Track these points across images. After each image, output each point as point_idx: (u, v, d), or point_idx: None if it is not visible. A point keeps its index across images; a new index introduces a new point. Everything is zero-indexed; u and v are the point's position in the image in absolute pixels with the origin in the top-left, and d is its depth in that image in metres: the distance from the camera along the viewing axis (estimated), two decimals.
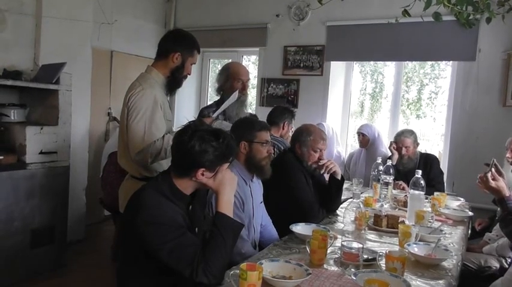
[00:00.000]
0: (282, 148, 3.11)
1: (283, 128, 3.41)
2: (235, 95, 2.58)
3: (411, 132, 3.70)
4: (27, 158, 3.29)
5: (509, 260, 2.62)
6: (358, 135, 4.17)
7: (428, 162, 3.65)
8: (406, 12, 2.65)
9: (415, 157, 3.67)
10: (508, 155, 3.01)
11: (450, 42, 4.04)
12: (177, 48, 2.32)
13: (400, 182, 3.40)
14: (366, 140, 4.10)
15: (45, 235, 3.46)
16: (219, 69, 3.09)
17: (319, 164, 2.65)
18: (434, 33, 4.02)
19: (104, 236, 4.45)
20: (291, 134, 3.28)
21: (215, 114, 2.52)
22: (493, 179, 2.18)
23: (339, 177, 2.68)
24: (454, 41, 4.02)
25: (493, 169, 2.23)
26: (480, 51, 3.93)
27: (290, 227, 2.20)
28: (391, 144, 3.76)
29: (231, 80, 2.88)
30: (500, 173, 2.23)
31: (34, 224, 3.37)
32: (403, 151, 3.63)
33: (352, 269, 1.73)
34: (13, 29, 3.71)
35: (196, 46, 2.40)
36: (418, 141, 3.74)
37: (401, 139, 3.65)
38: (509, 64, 3.77)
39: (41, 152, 3.37)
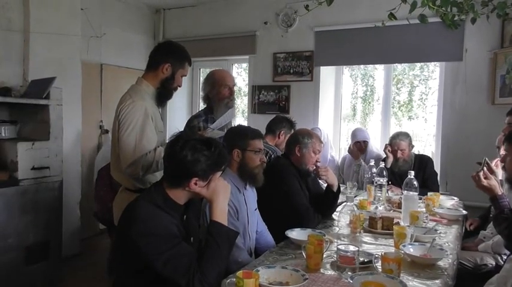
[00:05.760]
0: (273, 156, 3.09)
1: (278, 137, 3.39)
2: (232, 113, 2.59)
3: (406, 135, 3.70)
4: (19, 175, 3.26)
5: (504, 257, 2.63)
6: (359, 143, 4.10)
7: (422, 163, 3.66)
8: (392, 16, 2.67)
9: (410, 159, 3.67)
10: (501, 152, 3.02)
11: (437, 44, 4.08)
12: (167, 59, 2.31)
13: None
14: (366, 145, 4.10)
15: (40, 251, 3.42)
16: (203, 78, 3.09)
17: (316, 166, 2.67)
18: (421, 35, 4.06)
19: (99, 250, 4.41)
20: None
21: (212, 127, 2.52)
22: (485, 178, 2.20)
23: (335, 189, 2.69)
24: (441, 42, 4.06)
25: (484, 168, 2.25)
26: (467, 51, 3.97)
27: (286, 232, 2.20)
28: (385, 147, 3.75)
29: (217, 87, 2.88)
30: (492, 172, 2.25)
31: (28, 241, 3.33)
32: (399, 153, 3.63)
33: (349, 273, 1.74)
34: (1, 46, 3.70)
35: (187, 58, 2.39)
36: (413, 143, 3.76)
37: (396, 142, 3.64)
38: (496, 63, 3.82)
39: (33, 168, 3.35)
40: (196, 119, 2.83)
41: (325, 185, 2.76)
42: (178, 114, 5.70)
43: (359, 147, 4.12)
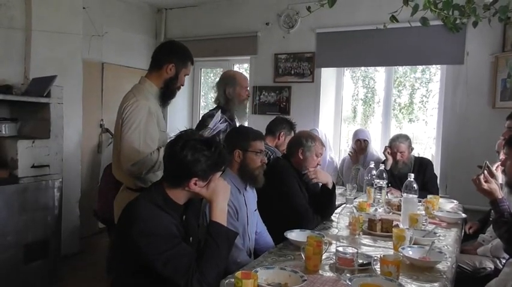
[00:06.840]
0: (272, 157, 3.09)
1: (278, 139, 3.39)
2: (218, 114, 2.68)
3: (406, 137, 3.70)
4: (19, 172, 3.26)
5: (503, 261, 2.63)
6: (359, 142, 4.09)
7: (422, 166, 3.66)
8: (393, 18, 2.67)
9: (410, 162, 3.67)
10: (501, 156, 3.01)
11: (438, 47, 4.08)
12: (170, 59, 2.32)
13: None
14: (366, 145, 4.10)
15: (39, 249, 3.42)
16: (221, 77, 3.16)
17: (310, 170, 2.66)
18: (422, 38, 4.06)
19: (99, 249, 4.42)
20: None
21: (207, 133, 2.54)
22: (486, 182, 2.20)
23: (330, 186, 2.69)
24: (442, 45, 4.06)
25: (485, 171, 2.24)
26: (468, 55, 3.97)
27: (285, 234, 2.20)
28: (385, 149, 3.76)
29: (238, 88, 3.00)
30: (493, 175, 2.25)
31: (27, 239, 3.33)
32: (398, 156, 3.63)
33: (348, 275, 1.73)
34: (3, 44, 3.70)
35: (190, 57, 2.41)
36: (412, 145, 3.76)
37: (396, 144, 3.65)
38: (497, 66, 3.82)
39: (33, 166, 3.35)
40: (210, 118, 2.87)
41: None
42: (179, 114, 5.70)
43: (359, 146, 4.11)
